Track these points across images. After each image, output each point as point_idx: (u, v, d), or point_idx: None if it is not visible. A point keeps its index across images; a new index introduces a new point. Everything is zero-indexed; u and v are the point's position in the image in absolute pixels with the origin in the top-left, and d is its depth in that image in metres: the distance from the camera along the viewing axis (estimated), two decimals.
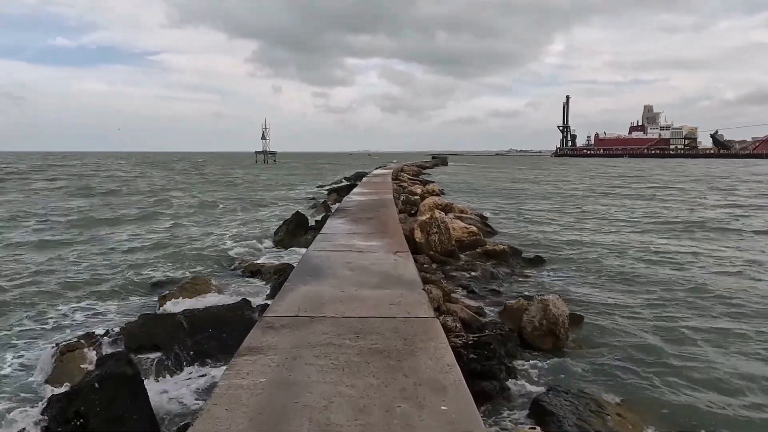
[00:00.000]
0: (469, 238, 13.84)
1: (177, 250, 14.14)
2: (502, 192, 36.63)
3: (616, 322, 8.01)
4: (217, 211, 25.29)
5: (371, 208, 14.55)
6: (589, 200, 30.14)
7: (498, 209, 24.76)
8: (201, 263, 12.41)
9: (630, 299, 9.27)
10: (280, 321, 4.87)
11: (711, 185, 41.80)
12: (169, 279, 10.77)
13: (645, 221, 20.44)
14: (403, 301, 5.60)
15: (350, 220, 11.95)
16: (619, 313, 8.44)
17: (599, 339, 7.30)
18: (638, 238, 16.66)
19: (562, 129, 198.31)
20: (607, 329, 7.64)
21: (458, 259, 12.42)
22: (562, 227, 18.91)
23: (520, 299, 8.10)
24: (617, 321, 8.04)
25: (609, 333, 7.52)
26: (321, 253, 8.14)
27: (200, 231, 18.07)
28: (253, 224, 19.88)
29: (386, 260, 7.66)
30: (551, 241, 15.76)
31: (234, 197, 32.56)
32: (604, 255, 13.56)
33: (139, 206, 26.11)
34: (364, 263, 7.43)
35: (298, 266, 7.29)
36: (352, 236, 9.73)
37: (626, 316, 8.32)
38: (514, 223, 20.13)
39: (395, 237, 9.68)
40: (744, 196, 31.44)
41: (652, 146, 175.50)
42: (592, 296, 9.34)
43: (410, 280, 6.54)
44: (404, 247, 8.77)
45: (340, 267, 7.20)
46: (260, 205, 27.94)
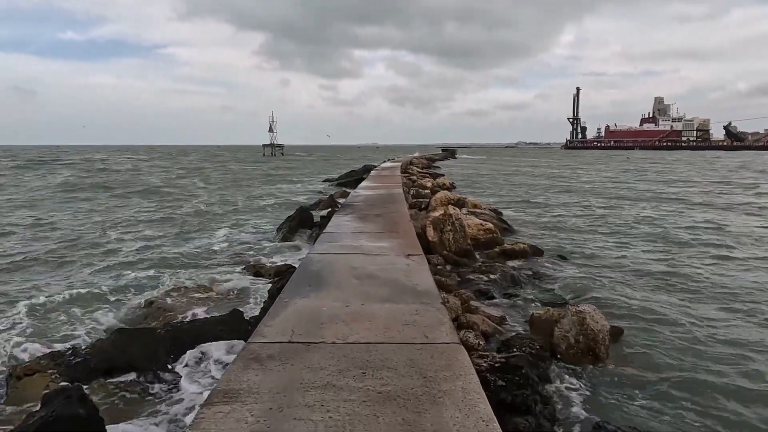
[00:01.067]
0: (486, 236, 12.85)
1: (174, 248, 13.25)
2: (515, 185, 35.50)
3: (661, 335, 7.01)
4: (217, 205, 24.27)
5: (380, 203, 13.61)
6: (611, 194, 28.98)
7: (512, 204, 23.71)
8: (198, 261, 11.51)
9: (673, 307, 8.25)
10: (268, 349, 3.94)
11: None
12: (161, 281, 9.88)
13: (676, 218, 19.32)
14: (418, 319, 4.66)
15: (357, 218, 11.01)
16: (663, 323, 7.44)
17: (644, 357, 6.31)
18: (674, 232, 15.58)
19: (572, 121, 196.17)
20: (652, 345, 6.65)
21: (474, 260, 11.45)
22: (583, 223, 17.84)
23: (550, 309, 7.13)
24: (662, 334, 7.04)
25: (656, 350, 6.52)
26: (324, 257, 7.20)
27: (199, 228, 17.15)
28: (256, 220, 18.95)
29: (397, 265, 6.72)
30: (572, 238, 14.73)
31: (237, 191, 31.59)
32: (634, 254, 12.52)
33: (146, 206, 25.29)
34: (372, 269, 6.48)
35: (296, 273, 6.36)
36: (359, 236, 8.80)
37: (671, 328, 7.31)
38: (531, 218, 19.08)
39: (407, 237, 8.73)
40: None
41: (664, 138, 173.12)
42: (628, 303, 8.33)
43: (426, 290, 5.59)
44: (417, 248, 7.82)
45: (345, 274, 6.26)
46: (264, 199, 26.95)
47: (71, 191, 30.35)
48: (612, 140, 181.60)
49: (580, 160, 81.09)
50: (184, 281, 9.25)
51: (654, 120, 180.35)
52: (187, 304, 8.14)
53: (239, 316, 6.66)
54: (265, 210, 22.41)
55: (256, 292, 8.81)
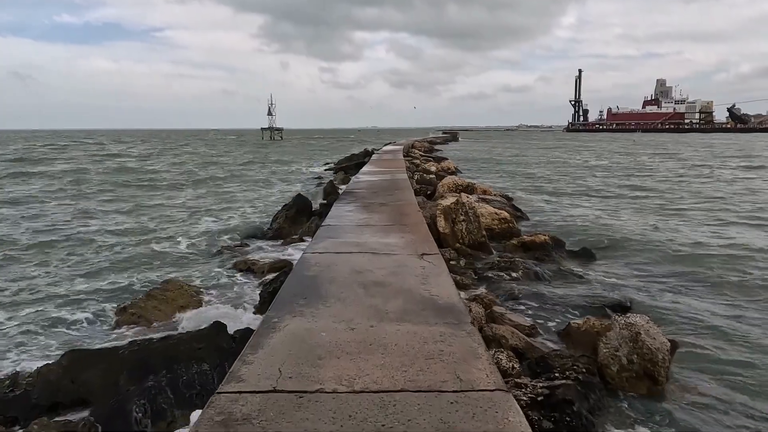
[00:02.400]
0: (501, 226, 11.75)
1: (156, 243, 12.08)
2: (522, 169, 34.29)
3: (720, 349, 5.93)
4: (210, 191, 22.94)
5: (384, 190, 12.48)
6: (625, 178, 27.78)
7: (521, 189, 22.55)
8: (183, 257, 10.41)
9: (724, 309, 7.17)
10: (244, 404, 2.85)
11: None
12: (139, 281, 8.80)
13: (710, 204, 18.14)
14: (446, 349, 3.57)
15: (360, 207, 9.89)
16: (719, 332, 6.36)
17: (709, 379, 5.24)
18: (706, 222, 14.46)
19: (573, 104, 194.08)
20: (716, 362, 5.58)
21: (490, 253, 10.35)
22: (601, 210, 16.71)
23: (590, 319, 6.05)
24: (722, 347, 5.96)
25: (720, 369, 5.45)
26: (322, 257, 6.09)
27: (187, 216, 15.95)
28: (251, 207, 17.77)
29: (410, 267, 5.62)
30: (592, 227, 13.62)
31: (231, 177, 30.05)
32: (664, 244, 11.41)
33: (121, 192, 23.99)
34: (381, 273, 5.38)
35: (289, 281, 5.25)
36: (363, 230, 7.68)
37: (728, 337, 6.24)
38: (542, 204, 17.96)
39: (418, 231, 7.62)
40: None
41: (667, 120, 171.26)
42: (672, 306, 7.25)
43: (448, 304, 4.49)
44: (431, 245, 6.71)
45: (348, 280, 5.16)
46: (260, 185, 25.56)
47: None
48: (614, 123, 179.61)
49: (585, 143, 79.62)
50: (166, 281, 8.14)
51: (657, 102, 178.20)
52: (166, 311, 7.06)
53: (222, 330, 5.57)
54: (259, 197, 21.06)
55: (246, 295, 7.73)
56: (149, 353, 5.13)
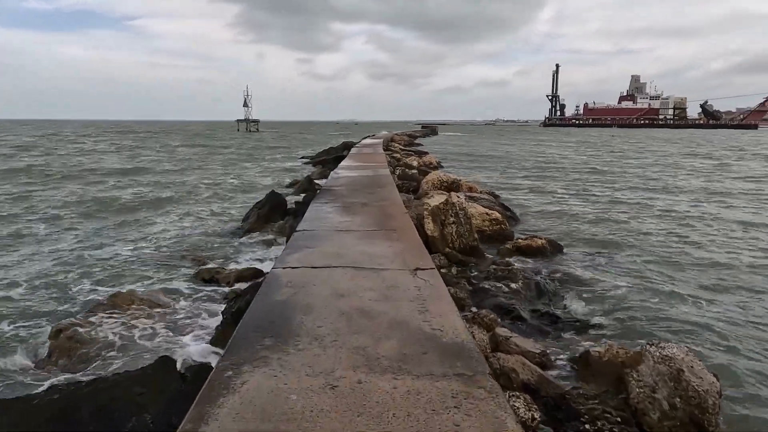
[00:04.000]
0: (492, 228, 10.85)
1: (107, 246, 10.70)
2: (505, 164, 33.55)
3: (764, 383, 5.08)
4: (173, 188, 21.02)
5: (365, 187, 11.47)
6: (614, 173, 27.20)
7: (506, 185, 21.72)
8: (137, 264, 9.19)
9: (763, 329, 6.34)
10: None
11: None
12: (82, 294, 7.63)
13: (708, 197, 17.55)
14: (462, 424, 2.59)
15: (340, 207, 8.86)
16: (762, 358, 5.52)
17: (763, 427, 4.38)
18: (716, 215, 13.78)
19: (551, 98, 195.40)
20: (764, 402, 4.72)
21: (482, 258, 9.42)
22: (590, 208, 15.93)
23: (611, 346, 5.14)
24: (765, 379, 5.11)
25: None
26: (296, 273, 5.06)
27: (147, 216, 14.44)
28: (218, 206, 16.22)
29: (403, 289, 4.63)
30: (585, 227, 12.81)
31: (199, 171, 28.05)
32: (664, 247, 10.63)
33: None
34: (368, 298, 4.39)
35: (254, 307, 4.20)
36: (344, 236, 6.67)
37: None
38: (530, 203, 17.13)
39: (407, 237, 6.63)
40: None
41: (642, 116, 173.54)
42: (693, 321, 6.39)
43: (456, 343, 3.53)
44: (424, 257, 5.73)
45: (327, 308, 4.15)
46: (230, 180, 23.67)
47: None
48: (590, 118, 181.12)
49: (563, 138, 79.51)
50: (114, 295, 6.99)
51: (632, 98, 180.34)
52: (108, 335, 5.94)
53: (170, 367, 4.49)
54: (230, 194, 19.46)
55: (207, 313, 6.63)
56: (75, 402, 4.05)
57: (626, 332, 6.08)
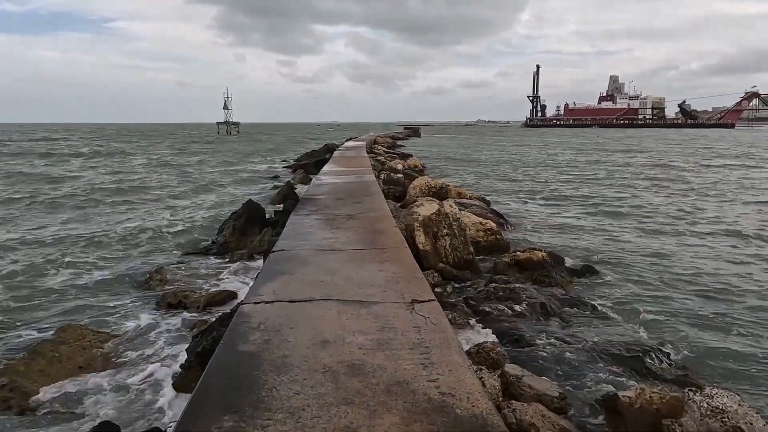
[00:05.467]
0: (487, 239, 10.09)
1: (61, 262, 9.62)
2: (489, 166, 32.95)
3: None
4: (140, 196, 19.46)
5: (350, 196, 10.62)
6: (603, 174, 26.69)
7: (493, 190, 21.04)
8: (93, 285, 8.19)
9: None
10: None
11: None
12: (23, 323, 6.66)
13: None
14: None
15: (323, 221, 8.01)
16: None
17: None
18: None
19: (532, 99, 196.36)
20: None
21: (478, 274, 8.67)
22: (586, 215, 15.28)
23: (642, 390, 4.36)
24: None
25: None
26: (270, 310, 4.22)
27: (108, 230, 12.89)
28: (193, 216, 14.96)
29: (401, 331, 3.82)
30: (583, 236, 12.13)
31: (172, 178, 26.22)
32: (674, 258, 9.96)
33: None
34: (358, 344, 3.57)
35: (213, 367, 3.33)
36: (328, 257, 5.83)
37: None
38: (520, 208, 16.45)
39: (400, 259, 5.81)
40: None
41: (622, 116, 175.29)
42: (720, 351, 5.68)
43: (472, 417, 2.72)
44: (422, 286, 4.91)
45: (308, 362, 3.32)
46: (205, 188, 22.14)
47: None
48: (571, 118, 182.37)
49: (545, 139, 79.45)
50: (62, 329, 6.05)
51: (612, 98, 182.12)
52: (57, 375, 5.03)
53: None
54: (203, 202, 18.05)
55: (170, 349, 5.72)
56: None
57: (650, 366, 5.32)
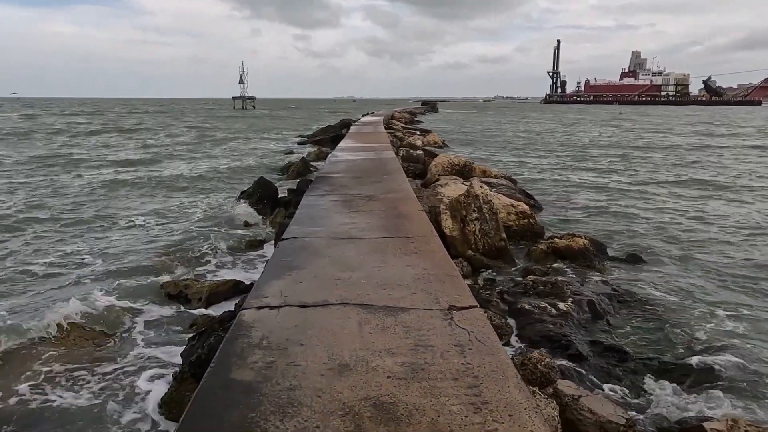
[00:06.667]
0: (519, 223, 9.19)
1: (46, 247, 8.85)
2: (511, 143, 31.75)
3: None
4: (148, 172, 18.51)
5: (369, 174, 9.77)
6: (645, 151, 25.40)
7: (517, 168, 19.99)
8: (87, 273, 7.46)
9: None
10: None
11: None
12: (9, 311, 5.98)
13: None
14: None
15: (339, 203, 7.19)
16: None
17: None
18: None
19: (552, 75, 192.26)
20: None
21: (511, 263, 7.81)
22: (622, 195, 14.25)
23: (735, 421, 3.53)
24: None
25: None
26: (275, 318, 3.43)
27: (105, 210, 12.02)
28: (197, 196, 13.93)
29: (440, 352, 3.00)
30: (623, 220, 11.16)
31: (184, 154, 25.11)
32: (726, 241, 9.00)
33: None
34: (386, 371, 2.76)
35: (196, 406, 2.54)
36: (345, 247, 5.01)
37: None
38: (549, 188, 15.44)
39: (429, 250, 4.96)
40: None
41: (644, 93, 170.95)
42: None
43: None
44: (459, 286, 4.07)
45: (319, 398, 2.52)
46: (218, 164, 20.93)
47: None
48: (592, 95, 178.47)
49: (569, 115, 77.37)
50: (46, 319, 5.34)
51: (634, 74, 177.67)
52: (22, 390, 4.32)
53: None
54: (214, 180, 16.97)
55: (163, 351, 4.98)
56: None
57: (736, 383, 4.47)
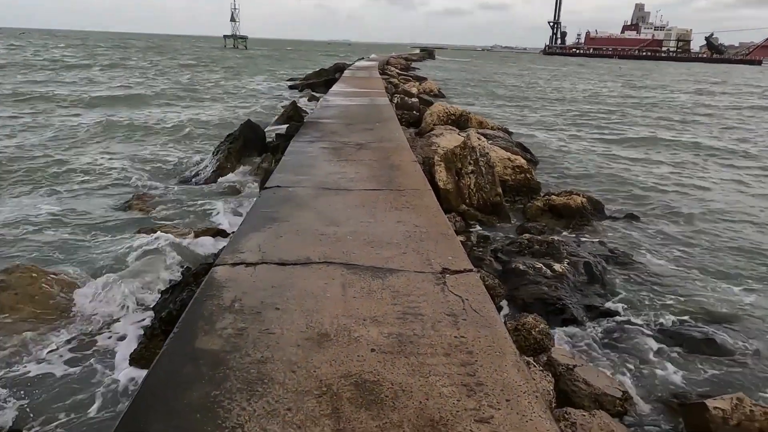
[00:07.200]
0: (515, 178, 8.87)
1: (24, 179, 8.49)
2: (507, 94, 31.01)
3: None
4: (130, 112, 17.42)
5: (361, 121, 9.31)
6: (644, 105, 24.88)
7: (513, 119, 19.47)
8: (66, 213, 7.14)
9: None
10: None
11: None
12: None
13: None
14: None
15: (329, 150, 6.79)
16: None
17: None
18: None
19: (552, 25, 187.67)
20: None
21: (506, 219, 7.53)
22: (621, 153, 13.91)
23: (739, 399, 3.34)
24: None
25: None
26: (250, 277, 3.12)
27: (89, 145, 11.65)
28: (186, 137, 13.47)
29: (431, 322, 2.72)
30: (619, 179, 10.87)
31: (167, 94, 23.37)
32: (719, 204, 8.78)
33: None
34: (370, 343, 2.47)
35: (154, 377, 2.25)
36: (332, 199, 4.67)
37: None
38: (544, 141, 15.04)
39: (422, 206, 4.64)
40: None
41: (644, 47, 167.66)
42: None
43: None
44: (453, 246, 3.78)
45: (293, 373, 2.23)
46: (203, 108, 19.71)
47: None
48: (591, 47, 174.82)
49: (569, 68, 75.84)
50: (7, 270, 5.01)
51: (636, 28, 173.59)
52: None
53: None
54: (200, 122, 15.88)
55: (137, 301, 4.69)
56: None
57: (739, 358, 4.28)
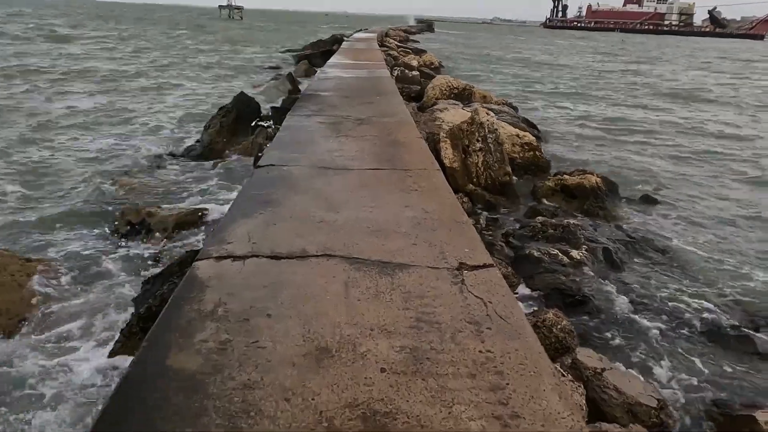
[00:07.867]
0: (524, 155, 8.41)
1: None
2: (509, 68, 30.25)
3: None
4: (116, 85, 16.69)
5: (360, 94, 8.79)
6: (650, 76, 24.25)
7: (516, 94, 18.87)
8: (46, 195, 6.67)
9: None
10: None
11: None
12: None
13: None
14: None
15: (326, 125, 6.30)
16: None
17: None
18: None
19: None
20: None
21: (515, 200, 7.10)
22: (632, 130, 13.39)
23: None
24: None
25: None
26: (238, 274, 2.69)
27: (72, 121, 11.07)
28: (177, 109, 12.93)
29: (450, 332, 2.29)
30: (631, 155, 10.40)
31: (158, 66, 22.59)
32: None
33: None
34: (379, 361, 2.05)
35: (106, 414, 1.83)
36: (331, 179, 4.22)
37: None
38: (550, 116, 14.52)
39: (431, 187, 4.19)
40: None
41: (647, 21, 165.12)
42: None
43: None
44: (468, 233, 3.35)
45: (283, 410, 1.81)
46: (197, 76, 19.41)
47: None
48: (593, 21, 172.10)
49: (570, 41, 74.47)
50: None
51: (638, 1, 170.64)
52: None
53: None
54: (192, 95, 15.49)
55: (117, 294, 4.28)
56: None
57: None
